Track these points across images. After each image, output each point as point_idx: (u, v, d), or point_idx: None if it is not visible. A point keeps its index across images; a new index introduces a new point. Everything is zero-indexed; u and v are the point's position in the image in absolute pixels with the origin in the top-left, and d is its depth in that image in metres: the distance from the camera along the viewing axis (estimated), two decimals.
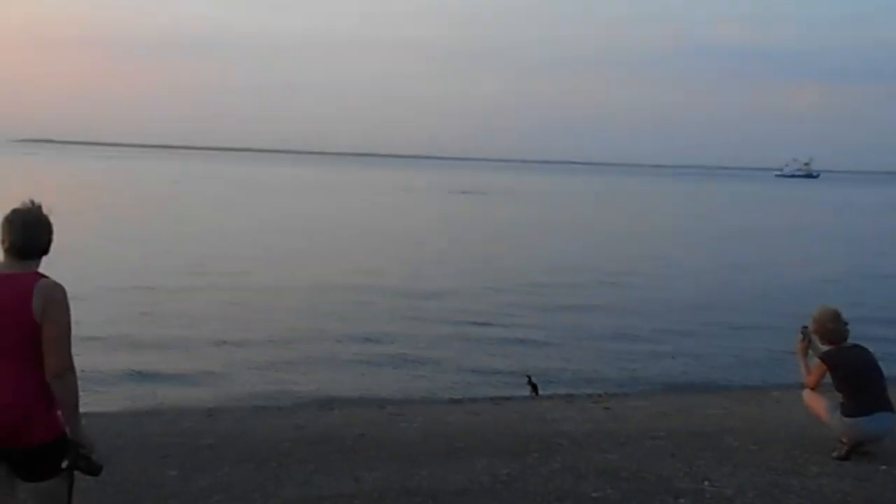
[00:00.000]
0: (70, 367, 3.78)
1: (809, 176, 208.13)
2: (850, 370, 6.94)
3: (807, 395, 7.25)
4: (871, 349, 7.21)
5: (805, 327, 7.29)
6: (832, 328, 7.10)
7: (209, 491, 5.98)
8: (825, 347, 7.13)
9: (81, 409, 3.86)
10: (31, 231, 3.85)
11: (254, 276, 22.18)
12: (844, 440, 6.90)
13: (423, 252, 29.40)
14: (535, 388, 11.67)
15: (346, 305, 18.31)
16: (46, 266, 3.93)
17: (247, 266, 23.87)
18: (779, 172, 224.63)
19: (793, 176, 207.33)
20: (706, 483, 6.21)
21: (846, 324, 7.13)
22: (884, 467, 6.60)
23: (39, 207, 3.90)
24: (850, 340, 7.15)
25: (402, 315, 17.56)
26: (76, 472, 3.89)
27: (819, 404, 7.11)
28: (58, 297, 3.77)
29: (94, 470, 3.90)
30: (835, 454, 6.89)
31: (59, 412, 3.82)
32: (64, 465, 3.80)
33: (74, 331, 3.82)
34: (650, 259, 29.71)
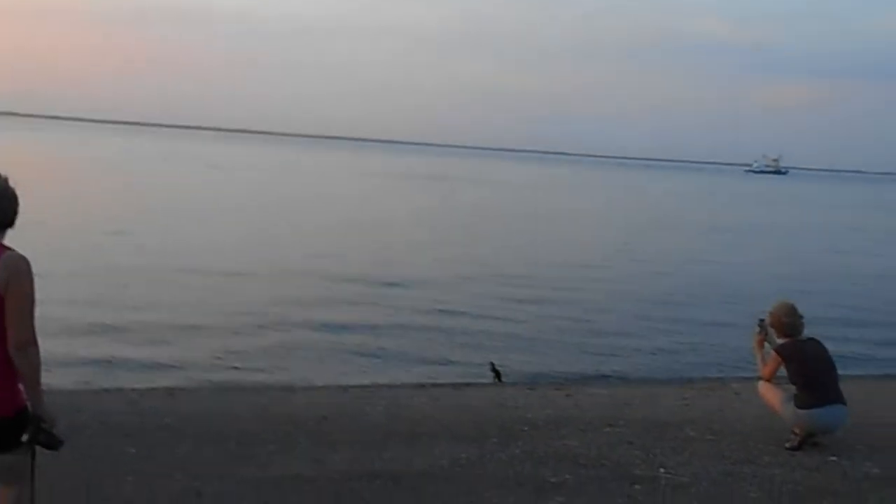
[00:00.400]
0: (32, 341, 3.76)
1: (778, 172, 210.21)
2: (804, 363, 7.10)
3: (762, 386, 7.40)
4: (827, 346, 7.37)
5: (762, 320, 7.45)
6: (788, 322, 7.25)
7: (168, 469, 6.00)
8: (781, 340, 7.28)
9: (42, 386, 3.86)
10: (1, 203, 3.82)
11: (220, 258, 22.03)
12: (797, 431, 7.07)
13: (393, 239, 29.33)
14: (498, 374, 11.75)
15: (311, 291, 18.25)
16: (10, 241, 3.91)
17: (213, 248, 23.72)
18: (748, 168, 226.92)
19: (762, 172, 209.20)
20: (662, 471, 6.34)
21: (802, 317, 7.29)
22: (833, 458, 6.78)
23: (6, 180, 3.87)
24: (807, 335, 7.31)
25: (367, 302, 17.54)
26: (37, 447, 3.90)
27: (773, 396, 7.27)
28: (22, 269, 3.74)
29: (54, 444, 3.90)
30: (787, 445, 7.05)
31: (21, 386, 3.81)
32: (24, 438, 3.80)
33: (37, 309, 3.81)
34: (615, 252, 29.94)
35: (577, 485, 5.94)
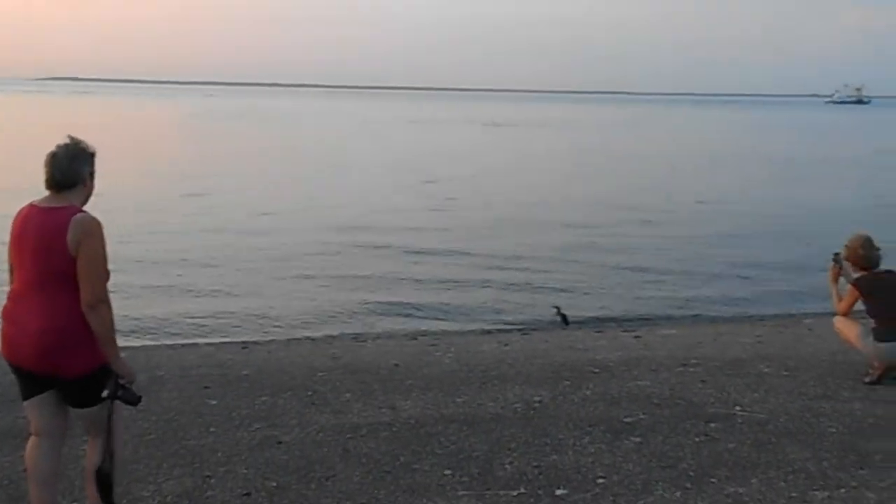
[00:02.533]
0: (103, 300, 3.83)
1: (860, 102, 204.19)
2: (882, 295, 6.93)
3: (838, 321, 7.26)
4: None
5: (837, 254, 7.27)
6: (864, 254, 7.07)
7: (249, 419, 6.13)
8: (857, 274, 7.11)
9: (122, 342, 3.95)
10: (64, 164, 3.90)
11: (292, 214, 22.32)
12: (876, 365, 6.93)
13: (461, 186, 29.19)
14: (564, 318, 11.76)
15: (375, 245, 18.34)
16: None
17: (288, 205, 24.01)
18: (829, 99, 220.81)
19: (843, 102, 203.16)
20: (738, 408, 6.27)
21: (878, 250, 7.10)
22: None
23: (77, 142, 3.96)
24: (884, 268, 7.12)
25: (430, 251, 17.61)
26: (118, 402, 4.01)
27: (851, 330, 7.13)
28: (93, 230, 3.82)
29: (132, 400, 3.99)
30: (866, 379, 6.93)
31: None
32: (104, 394, 3.90)
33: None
34: (680, 190, 29.50)
35: (652, 424, 5.91)
